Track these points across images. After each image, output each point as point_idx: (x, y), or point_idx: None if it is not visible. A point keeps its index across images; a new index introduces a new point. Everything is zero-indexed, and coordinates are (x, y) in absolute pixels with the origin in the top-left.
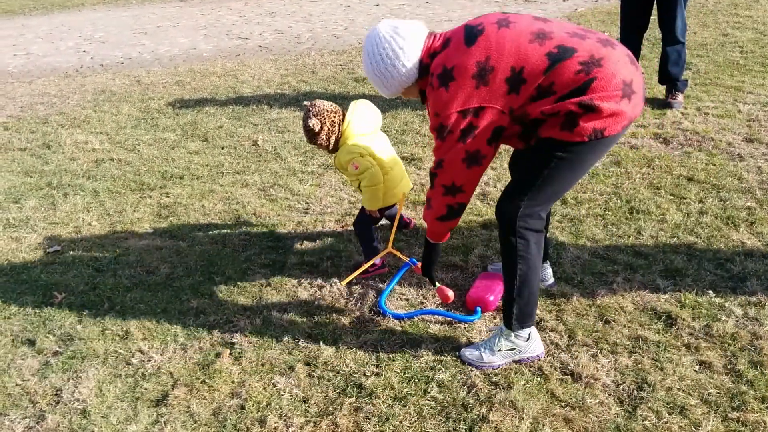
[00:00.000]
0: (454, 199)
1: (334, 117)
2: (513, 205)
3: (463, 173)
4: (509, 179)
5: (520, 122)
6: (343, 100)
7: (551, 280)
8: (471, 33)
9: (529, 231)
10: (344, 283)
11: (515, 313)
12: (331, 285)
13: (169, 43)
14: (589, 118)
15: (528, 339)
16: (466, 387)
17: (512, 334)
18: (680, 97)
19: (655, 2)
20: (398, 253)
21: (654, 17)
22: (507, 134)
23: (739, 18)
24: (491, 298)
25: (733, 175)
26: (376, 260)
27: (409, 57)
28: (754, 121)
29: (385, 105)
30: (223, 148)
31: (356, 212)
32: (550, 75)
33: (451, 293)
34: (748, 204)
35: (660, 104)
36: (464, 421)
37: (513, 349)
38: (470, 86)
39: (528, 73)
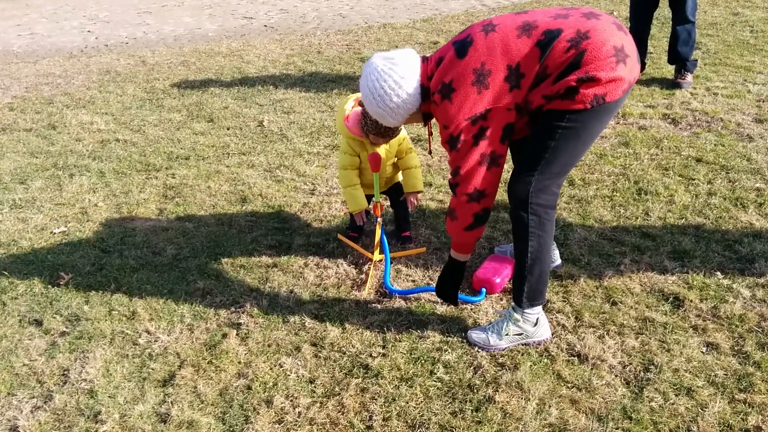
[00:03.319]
0: (479, 205)
1: None
2: (524, 181)
3: (483, 177)
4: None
5: (526, 112)
6: (349, 81)
7: (558, 261)
8: (461, 46)
9: (542, 207)
10: (366, 292)
11: (525, 291)
12: (338, 266)
13: (174, 23)
14: (588, 86)
15: (536, 324)
16: (472, 368)
17: (521, 318)
18: (689, 77)
19: None
20: (380, 256)
21: None
22: (517, 127)
23: None
24: (497, 280)
25: (742, 156)
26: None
27: (410, 84)
28: (764, 101)
29: None
30: (228, 129)
31: None
32: (544, 61)
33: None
34: (757, 185)
35: (669, 84)
36: (470, 402)
37: (520, 334)
38: (473, 93)
39: (525, 67)
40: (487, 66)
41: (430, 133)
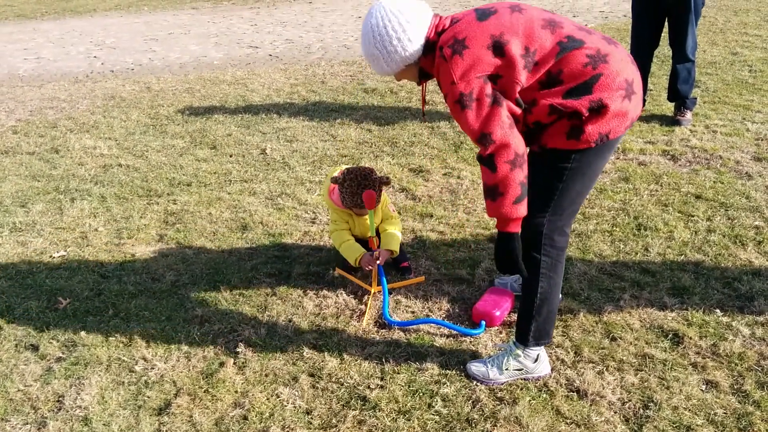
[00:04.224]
0: (522, 171)
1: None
2: (536, 222)
3: (519, 139)
4: None
5: (525, 116)
6: (352, 110)
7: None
8: (483, 12)
9: (555, 249)
10: (365, 323)
11: (532, 331)
12: (337, 296)
13: (179, 51)
14: (594, 122)
15: (536, 360)
16: (470, 402)
17: (521, 354)
18: (689, 115)
19: (666, 20)
20: (378, 287)
21: (664, 34)
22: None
23: (749, 37)
24: (497, 313)
25: (741, 194)
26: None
27: (416, 33)
28: (762, 140)
29: (394, 116)
30: (231, 156)
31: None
32: (560, 62)
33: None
34: (756, 223)
35: (669, 121)
36: None
37: (520, 369)
38: (487, 55)
39: (540, 56)
40: (506, 37)
41: (424, 98)
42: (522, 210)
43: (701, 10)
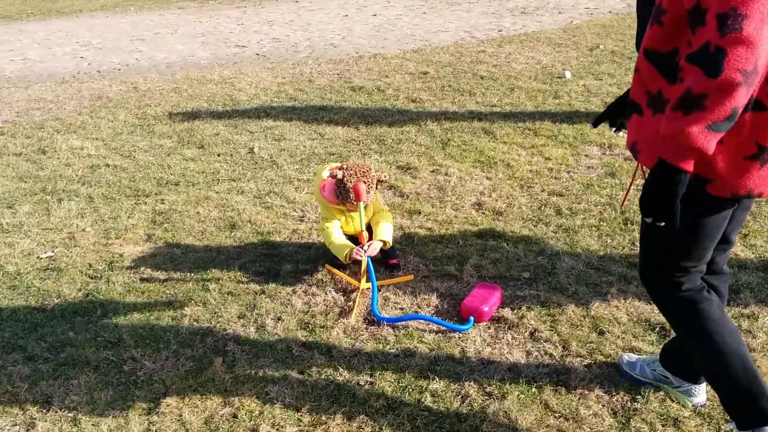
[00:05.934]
0: (746, 96)
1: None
2: (654, 263)
3: (765, 48)
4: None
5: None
6: (340, 109)
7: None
8: None
9: (692, 302)
10: (353, 320)
11: (736, 409)
12: (326, 293)
13: (166, 50)
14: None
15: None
16: (459, 397)
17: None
18: None
19: None
20: (367, 284)
21: None
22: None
23: None
24: (486, 308)
25: None
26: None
27: None
28: None
29: (381, 114)
30: (219, 155)
31: None
32: None
33: None
34: None
35: None
36: (458, 431)
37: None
38: None
39: None
40: None
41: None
42: (711, 145)
43: None
